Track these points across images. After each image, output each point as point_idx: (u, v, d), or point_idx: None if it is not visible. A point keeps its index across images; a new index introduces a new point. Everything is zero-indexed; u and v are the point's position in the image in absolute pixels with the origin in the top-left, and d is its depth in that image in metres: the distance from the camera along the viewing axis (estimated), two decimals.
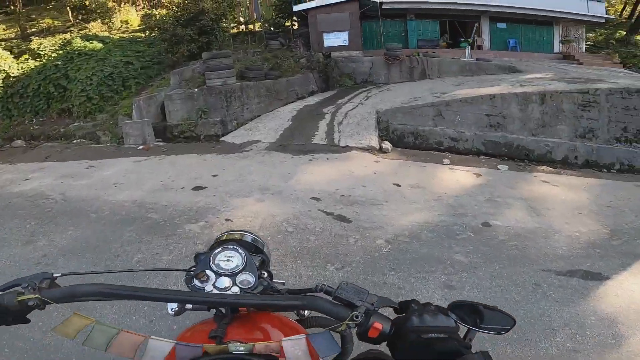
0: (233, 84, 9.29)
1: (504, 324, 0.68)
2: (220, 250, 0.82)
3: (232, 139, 7.81)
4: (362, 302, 0.66)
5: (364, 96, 9.51)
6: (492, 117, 8.11)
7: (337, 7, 12.04)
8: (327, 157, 6.13)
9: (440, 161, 6.35)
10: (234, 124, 9.00)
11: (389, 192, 4.60)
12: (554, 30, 16.16)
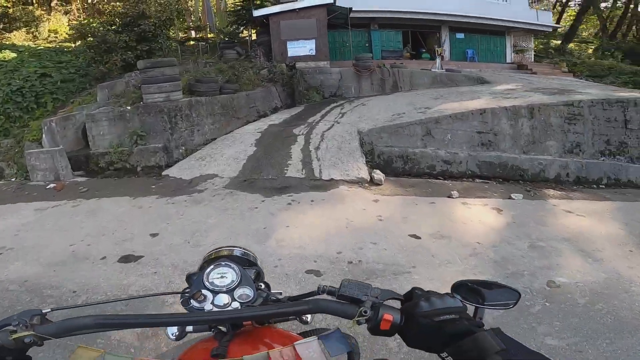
0: (179, 100, 7.49)
1: (510, 298, 0.68)
2: (212, 267, 0.79)
3: (180, 173, 6.05)
4: (367, 296, 0.65)
5: (337, 113, 8.24)
6: (483, 134, 7.29)
7: (303, 12, 10.73)
8: (310, 197, 4.69)
9: (446, 193, 5.23)
10: (182, 152, 7.18)
11: (410, 250, 3.41)
12: (506, 40, 16.43)
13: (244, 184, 5.33)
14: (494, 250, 3.43)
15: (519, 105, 7.52)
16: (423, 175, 6.60)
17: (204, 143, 7.57)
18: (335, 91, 10.33)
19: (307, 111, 8.91)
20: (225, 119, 8.20)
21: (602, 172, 7.40)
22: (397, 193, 5.15)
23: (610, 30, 21.69)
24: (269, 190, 5.00)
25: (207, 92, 8.10)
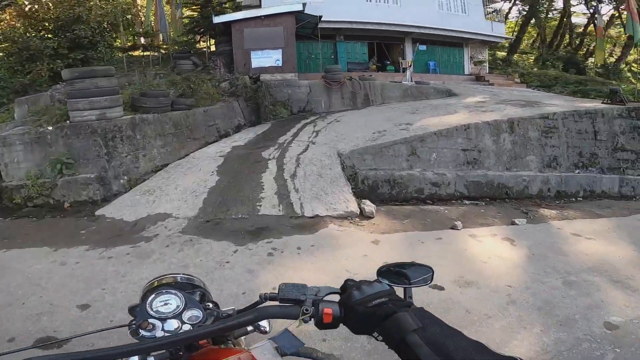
0: (118, 118, 6.16)
1: (426, 274, 0.77)
2: (153, 297, 0.79)
3: (120, 212, 4.77)
4: (305, 295, 0.70)
5: (310, 131, 7.35)
6: (468, 152, 6.85)
7: (269, 20, 9.75)
8: (296, 243, 3.71)
9: (448, 224, 4.64)
10: (123, 183, 5.82)
11: (439, 306, 2.81)
12: (464, 52, 16.79)
13: (206, 226, 4.21)
14: (530, 294, 3.05)
15: (500, 119, 7.22)
16: (411, 200, 6.00)
17: (153, 170, 6.27)
18: (304, 106, 9.45)
19: (276, 129, 7.91)
20: (178, 140, 6.95)
21: (578, 185, 7.40)
22: (394, 228, 4.37)
23: (548, 41, 23.35)
24: (241, 235, 3.94)
25: (155, 108, 6.82)
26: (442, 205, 5.82)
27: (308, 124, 8.02)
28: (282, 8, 9.82)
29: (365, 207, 4.64)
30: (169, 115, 7.01)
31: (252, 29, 9.67)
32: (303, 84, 9.53)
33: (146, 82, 8.28)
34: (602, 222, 5.17)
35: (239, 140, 7.29)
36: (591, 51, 22.16)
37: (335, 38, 13.54)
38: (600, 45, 16.00)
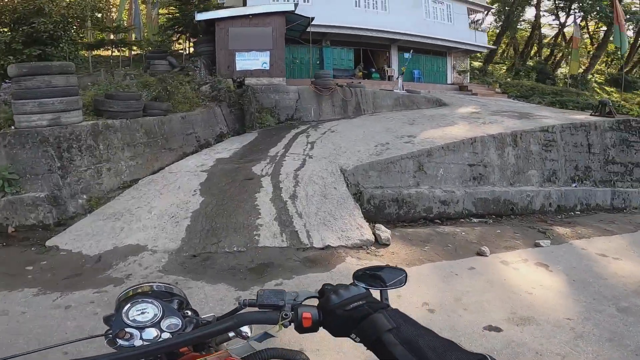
0: (77, 124, 5.17)
1: (400, 275, 0.80)
2: (129, 306, 0.77)
3: (79, 242, 3.84)
4: (284, 301, 0.71)
5: (304, 142, 6.63)
6: (474, 167, 6.47)
7: (257, 19, 8.96)
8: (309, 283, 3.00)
9: (473, 249, 4.20)
10: (82, 203, 4.82)
11: (503, 350, 2.47)
12: (447, 62, 16.84)
13: (194, 263, 3.38)
14: (592, 325, 2.81)
15: (504, 133, 6.94)
16: (419, 219, 5.53)
17: (120, 187, 5.30)
18: (292, 114, 8.73)
19: (264, 139, 7.12)
20: (151, 151, 6.01)
21: (576, 199, 7.32)
22: (417, 257, 3.80)
23: (520, 52, 24.20)
24: (241, 275, 3.17)
25: (123, 113, 5.86)
26: (452, 225, 5.41)
27: (300, 134, 7.30)
28: (273, 7, 9.12)
29: (381, 234, 4.00)
30: (140, 122, 6.07)
31: (238, 28, 8.87)
32: (292, 89, 8.83)
33: (114, 83, 7.24)
34: (617, 240, 5.10)
35: (223, 151, 6.43)
36: (558, 61, 23.17)
37: (321, 43, 13.03)
38: (576, 56, 16.59)
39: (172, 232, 3.84)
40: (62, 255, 3.68)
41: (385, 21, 13.42)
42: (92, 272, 3.32)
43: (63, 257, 3.64)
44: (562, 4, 20.93)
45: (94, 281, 3.15)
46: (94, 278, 3.21)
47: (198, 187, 4.79)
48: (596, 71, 22.06)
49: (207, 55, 9.11)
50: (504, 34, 20.88)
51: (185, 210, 4.23)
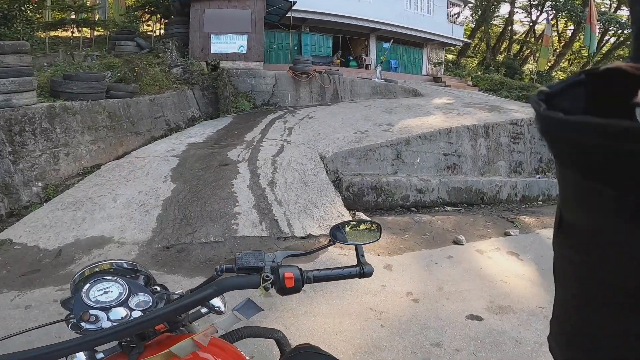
0: (30, 106, 4.70)
1: (376, 231, 0.87)
2: (88, 286, 0.69)
3: (35, 234, 3.49)
4: (264, 262, 0.69)
5: (281, 128, 6.42)
6: (448, 156, 6.58)
7: (236, 1, 8.51)
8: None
9: (450, 237, 4.21)
10: (37, 191, 4.42)
11: (486, 339, 2.50)
12: (423, 53, 17.02)
13: (168, 255, 3.15)
14: None
15: (477, 124, 7.09)
16: (397, 207, 5.56)
17: (79, 174, 4.91)
18: (268, 99, 8.44)
19: (239, 124, 6.82)
20: (115, 135, 5.60)
21: (539, 189, 7.70)
22: (398, 246, 3.78)
23: (492, 47, 24.96)
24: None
25: (84, 95, 5.41)
26: (428, 213, 5.49)
27: (277, 119, 7.06)
28: None
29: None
30: (102, 104, 5.64)
31: (216, 10, 8.41)
32: (269, 74, 8.51)
33: (73, 64, 6.63)
34: None
35: (196, 136, 6.10)
36: (526, 57, 24.09)
37: (300, 29, 12.69)
38: (545, 53, 17.25)
39: (141, 221, 3.57)
40: (17, 250, 3.32)
41: (366, 10, 13.28)
42: (52, 267, 3.03)
43: (18, 252, 3.29)
44: (535, 2, 21.62)
45: (55, 278, 2.87)
46: (55, 274, 2.93)
47: (169, 173, 4.49)
48: (560, 68, 23.13)
49: (180, 37, 8.58)
50: (479, 29, 21.36)
51: (155, 198, 3.95)
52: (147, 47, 8.24)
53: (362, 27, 13.68)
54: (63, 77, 5.54)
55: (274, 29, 11.89)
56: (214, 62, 8.36)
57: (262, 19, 8.97)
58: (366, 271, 0.77)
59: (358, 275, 0.76)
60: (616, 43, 24.69)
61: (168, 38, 8.75)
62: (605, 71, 0.25)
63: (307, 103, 8.88)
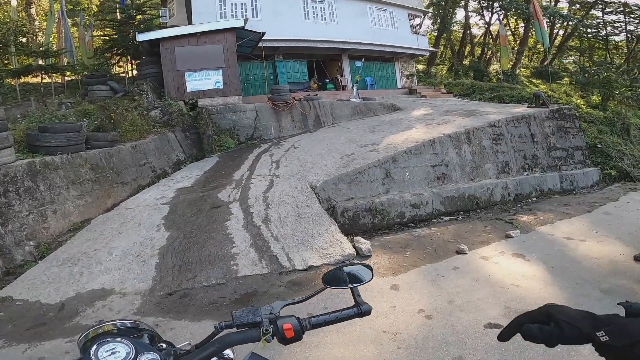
0: (10, 164, 4.74)
1: (367, 271, 0.88)
2: (96, 347, 0.73)
3: (35, 291, 3.63)
4: (261, 316, 0.74)
5: (268, 162, 6.59)
6: (437, 167, 6.88)
7: (205, 37, 8.78)
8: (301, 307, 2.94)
9: (452, 248, 4.39)
10: (30, 250, 4.44)
11: (513, 346, 2.47)
12: (395, 67, 17.76)
13: (172, 301, 3.23)
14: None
15: (458, 131, 7.46)
16: (394, 225, 5.77)
17: (70, 230, 4.93)
18: (252, 133, 8.63)
19: (226, 163, 6.96)
20: (101, 187, 5.64)
21: (530, 186, 8.02)
22: (401, 264, 3.94)
23: (457, 52, 26.25)
24: (224, 309, 3.10)
25: (63, 148, 5.46)
26: (426, 226, 5.67)
27: (263, 153, 7.25)
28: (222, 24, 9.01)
29: (361, 246, 4.09)
30: (83, 156, 5.70)
31: (186, 47, 8.68)
32: (249, 108, 8.76)
33: (47, 114, 6.67)
34: (577, 222, 5.56)
35: (183, 180, 6.20)
36: (489, 59, 25.38)
37: (274, 57, 13.15)
38: (505, 52, 18.24)
39: (139, 272, 3.63)
40: (19, 306, 3.41)
41: (334, 31, 13.95)
42: (57, 320, 3.13)
43: (20, 308, 3.38)
44: (485, 4, 23.08)
45: (63, 330, 2.98)
46: (62, 327, 3.03)
47: (161, 222, 4.56)
48: (522, 65, 24.42)
49: (153, 77, 8.75)
50: (441, 36, 22.50)
51: (151, 247, 4.01)
52: (121, 90, 8.37)
53: (333, 48, 14.30)
54: (39, 130, 5.58)
55: (248, 60, 12.30)
56: (192, 100, 8.55)
57: (235, 52, 9.32)
58: (364, 310, 0.81)
59: (356, 316, 0.81)
60: (566, 35, 26.52)
61: (142, 79, 8.94)
62: None
63: (290, 132, 9.14)
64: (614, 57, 26.78)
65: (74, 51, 11.16)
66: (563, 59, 29.29)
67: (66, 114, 6.87)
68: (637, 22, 25.23)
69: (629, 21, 25.57)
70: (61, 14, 10.81)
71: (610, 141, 10.97)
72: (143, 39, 8.64)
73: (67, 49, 10.46)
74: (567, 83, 19.54)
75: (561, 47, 26.67)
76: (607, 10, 25.53)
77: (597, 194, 8.03)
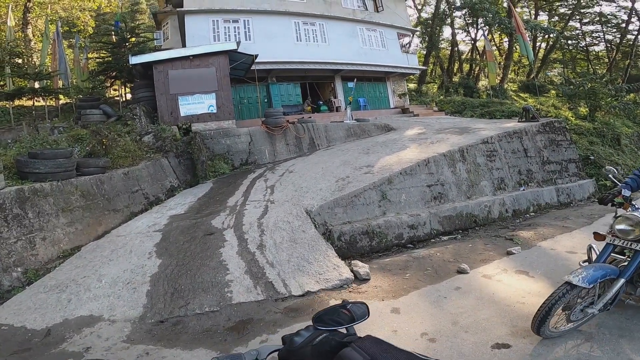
0: None
1: (361, 309, 0.90)
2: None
3: (21, 316, 3.57)
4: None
5: (263, 187, 6.64)
6: (432, 187, 6.99)
7: (198, 60, 8.95)
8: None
9: (453, 268, 4.40)
10: (17, 276, 4.45)
11: None
12: (387, 86, 18.20)
13: (163, 329, 3.19)
14: (597, 324, 2.87)
15: (452, 150, 7.62)
16: (392, 247, 5.82)
17: (59, 257, 4.91)
18: (246, 158, 8.72)
19: (220, 189, 6.99)
20: (92, 214, 5.62)
21: (528, 201, 8.14)
22: (401, 287, 3.94)
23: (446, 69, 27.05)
24: (220, 336, 3.07)
25: (52, 174, 5.47)
26: (424, 247, 5.69)
27: (257, 178, 7.31)
28: (214, 47, 9.22)
29: (359, 269, 4.08)
30: (74, 183, 5.71)
31: (179, 70, 8.85)
32: (243, 132, 8.89)
33: (38, 139, 6.69)
34: (578, 235, 5.52)
35: (177, 207, 6.20)
36: (477, 75, 26.18)
37: (267, 80, 13.46)
38: (492, 68, 18.84)
39: (130, 299, 3.61)
40: (4, 330, 3.40)
41: (326, 53, 14.40)
42: (43, 346, 3.11)
43: (5, 332, 3.37)
44: (470, 20, 24.05)
45: (48, 356, 2.97)
46: (47, 352, 3.02)
47: (153, 249, 4.54)
48: (509, 80, 25.21)
49: (147, 101, 8.88)
50: (430, 54, 23.26)
51: (142, 275, 3.98)
52: (114, 114, 8.47)
53: (326, 69, 14.70)
54: (29, 156, 5.60)
55: (242, 83, 12.57)
56: (185, 125, 8.66)
57: (228, 75, 9.53)
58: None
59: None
60: (548, 48, 27.58)
61: (135, 103, 9.06)
62: None
63: (285, 156, 9.24)
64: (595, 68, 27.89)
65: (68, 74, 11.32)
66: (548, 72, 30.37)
67: (58, 139, 6.91)
68: (615, 31, 26.48)
69: (607, 30, 26.84)
70: (56, 36, 11.04)
71: (602, 152, 11.23)
72: (136, 62, 8.82)
73: (62, 72, 10.60)
74: (554, 96, 20.16)
75: (545, 59, 27.74)
76: (584, 21, 26.85)
77: (595, 206, 8.14)
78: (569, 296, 2.52)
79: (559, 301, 2.52)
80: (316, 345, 0.70)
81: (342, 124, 11.06)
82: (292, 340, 0.73)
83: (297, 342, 0.71)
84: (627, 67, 24.78)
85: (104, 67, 10.86)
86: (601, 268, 2.59)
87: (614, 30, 26.52)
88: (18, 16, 15.85)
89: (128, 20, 11.68)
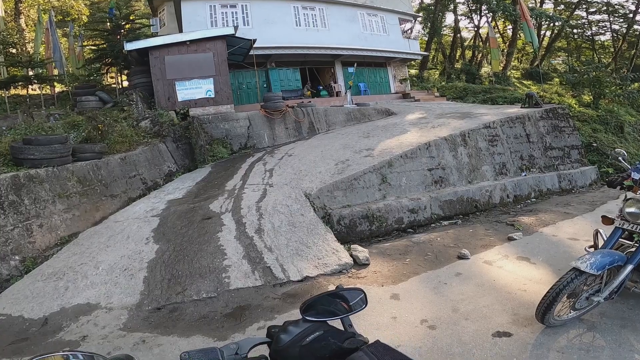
0: None
1: (358, 296, 0.79)
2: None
3: (18, 305, 3.47)
4: (223, 358, 0.65)
5: (261, 171, 6.50)
6: (433, 171, 6.83)
7: (195, 45, 8.72)
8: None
9: (454, 253, 4.26)
10: (15, 264, 4.36)
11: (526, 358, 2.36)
12: (388, 72, 17.84)
13: (160, 316, 3.11)
14: (599, 314, 2.77)
15: (454, 134, 7.44)
16: (392, 232, 5.70)
17: (57, 244, 4.79)
18: (245, 142, 8.56)
19: (218, 173, 6.85)
20: (89, 200, 5.50)
21: (529, 187, 7.98)
22: (401, 272, 3.82)
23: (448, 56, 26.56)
24: (217, 322, 2.98)
25: (48, 160, 5.34)
26: (425, 232, 5.57)
27: (256, 162, 7.16)
28: (212, 32, 8.95)
29: (359, 254, 3.98)
30: (70, 169, 5.58)
31: (176, 56, 8.62)
32: (241, 116, 8.69)
33: (34, 126, 6.54)
34: (580, 222, 5.41)
35: (175, 191, 6.07)
36: (480, 61, 25.67)
37: (266, 65, 13.16)
38: (495, 54, 18.43)
39: (127, 286, 3.52)
40: (2, 320, 3.32)
41: (326, 38, 14.02)
42: (40, 336, 3.04)
43: (3, 322, 3.30)
44: (473, 7, 23.41)
45: (45, 346, 2.89)
46: (45, 342, 2.94)
47: (151, 235, 4.44)
48: (512, 67, 24.72)
49: (144, 87, 8.68)
50: (432, 40, 22.77)
51: (139, 261, 3.89)
52: (110, 101, 8.29)
53: (325, 55, 14.36)
54: (23, 142, 5.47)
55: (240, 68, 12.29)
56: (183, 110, 8.48)
57: (226, 60, 9.30)
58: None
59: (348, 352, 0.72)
60: (553, 36, 26.93)
61: (132, 89, 8.85)
62: None
63: (284, 140, 9.07)
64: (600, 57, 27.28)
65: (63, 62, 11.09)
66: (552, 60, 29.75)
67: (53, 125, 6.77)
68: (622, 21, 25.79)
69: (614, 20, 26.14)
70: (50, 25, 10.76)
71: (605, 139, 11.02)
72: (131, 48, 8.59)
73: (56, 60, 10.36)
74: (558, 83, 19.79)
75: (549, 48, 27.13)
76: (591, 10, 26.13)
77: (597, 192, 7.99)
78: (576, 282, 2.40)
79: (566, 288, 2.39)
80: (307, 346, 0.60)
81: (342, 108, 10.84)
82: (279, 337, 0.63)
83: (283, 341, 0.61)
84: (633, 56, 24.24)
85: (99, 55, 10.61)
86: (609, 254, 2.46)
87: (621, 20, 25.80)
88: (10, 6, 15.49)
89: (123, 7, 11.34)
